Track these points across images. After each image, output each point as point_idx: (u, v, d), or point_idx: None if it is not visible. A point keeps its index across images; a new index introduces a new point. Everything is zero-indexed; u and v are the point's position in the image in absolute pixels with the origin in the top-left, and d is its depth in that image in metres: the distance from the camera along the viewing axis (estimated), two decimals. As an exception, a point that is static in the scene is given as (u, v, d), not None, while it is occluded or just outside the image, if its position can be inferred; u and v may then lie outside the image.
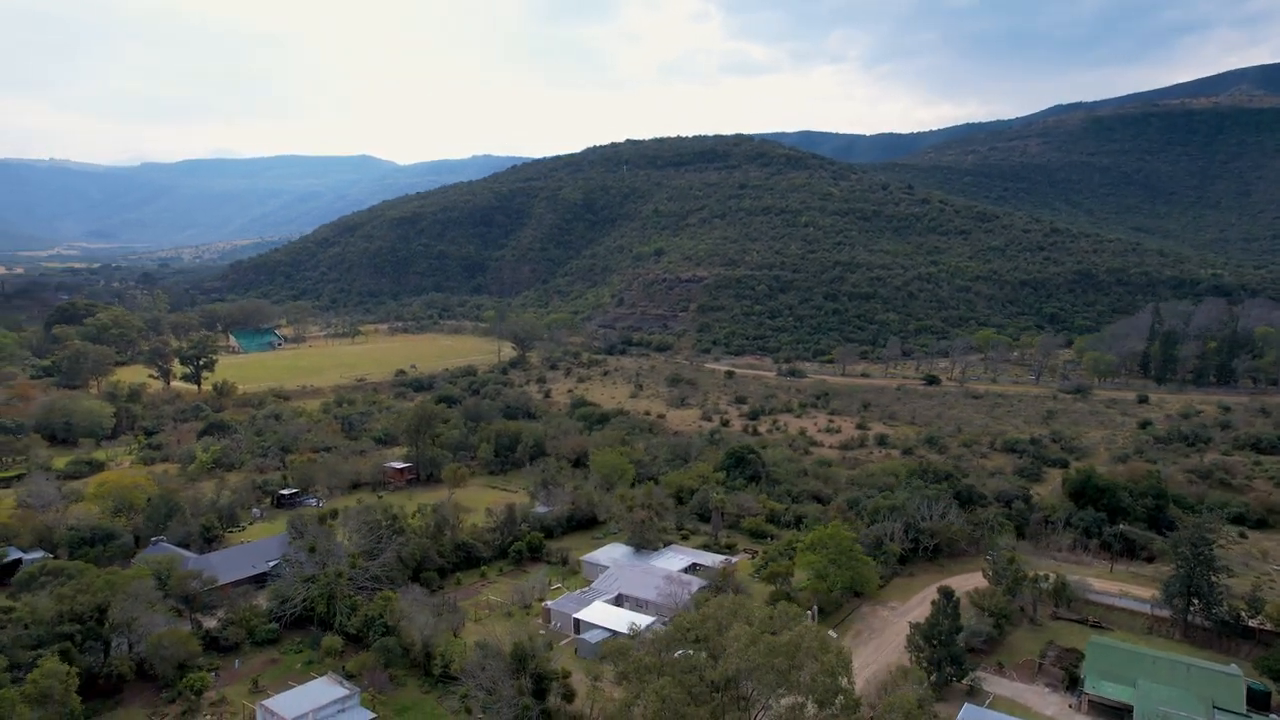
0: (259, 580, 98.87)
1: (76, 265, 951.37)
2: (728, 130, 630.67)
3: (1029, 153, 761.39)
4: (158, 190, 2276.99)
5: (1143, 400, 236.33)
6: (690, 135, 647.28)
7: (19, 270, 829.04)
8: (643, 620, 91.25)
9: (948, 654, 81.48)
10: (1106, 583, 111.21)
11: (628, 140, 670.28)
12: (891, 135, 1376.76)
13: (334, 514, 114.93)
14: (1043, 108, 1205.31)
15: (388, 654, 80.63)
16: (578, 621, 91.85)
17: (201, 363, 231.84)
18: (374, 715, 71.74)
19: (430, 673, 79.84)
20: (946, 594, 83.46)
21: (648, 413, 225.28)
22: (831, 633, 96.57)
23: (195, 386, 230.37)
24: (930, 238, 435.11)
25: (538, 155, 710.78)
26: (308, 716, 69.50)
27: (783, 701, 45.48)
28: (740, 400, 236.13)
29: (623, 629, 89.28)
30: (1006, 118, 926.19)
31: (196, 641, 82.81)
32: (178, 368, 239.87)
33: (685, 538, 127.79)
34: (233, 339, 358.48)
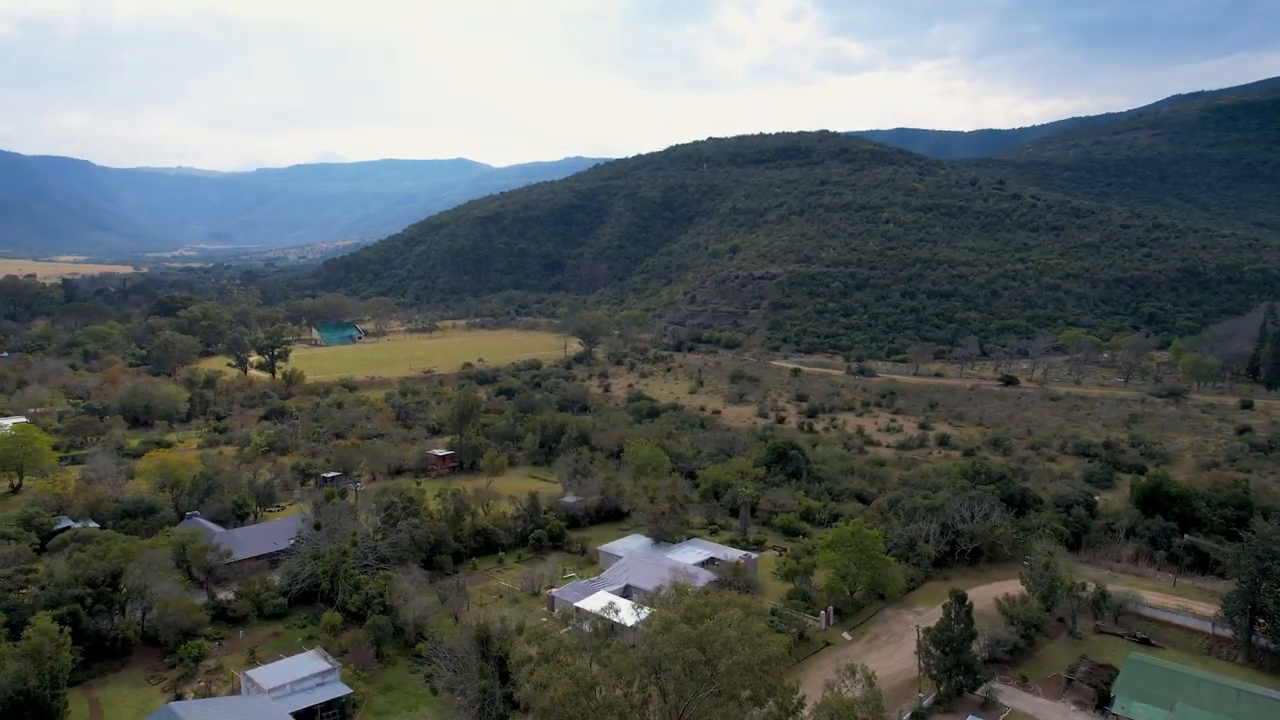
0: (279, 556, 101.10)
1: (193, 265, 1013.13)
2: (819, 128, 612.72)
3: (1137, 145, 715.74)
4: (269, 194, 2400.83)
5: (1246, 406, 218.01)
6: (773, 132, 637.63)
7: (144, 270, 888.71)
8: (642, 612, 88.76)
9: (957, 661, 75.82)
10: (1166, 597, 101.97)
11: (709, 138, 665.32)
12: (991, 132, 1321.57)
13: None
14: (1159, 99, 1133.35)
15: (378, 632, 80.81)
16: (579, 610, 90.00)
17: (276, 353, 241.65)
18: (350, 690, 71.78)
19: (420, 654, 79.61)
20: (959, 597, 77.74)
21: (703, 408, 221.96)
22: (846, 634, 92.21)
23: (270, 375, 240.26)
24: (1019, 234, 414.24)
25: (625, 156, 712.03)
26: (285, 687, 70.04)
27: (703, 698, 42.31)
28: (801, 398, 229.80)
29: (622, 620, 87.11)
30: (1118, 110, 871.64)
31: (201, 611, 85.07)
32: (255, 357, 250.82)
33: (714, 532, 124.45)
34: (315, 332, 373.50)
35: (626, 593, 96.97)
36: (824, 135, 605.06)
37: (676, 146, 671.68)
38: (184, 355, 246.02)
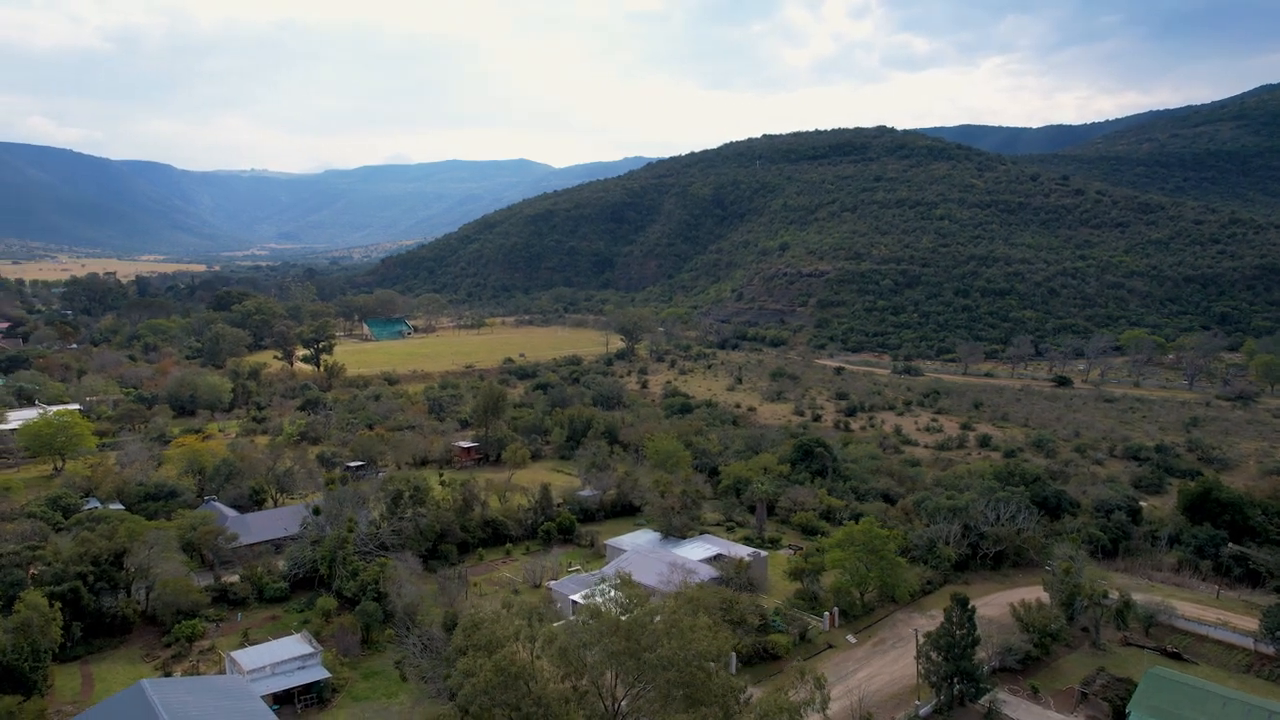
0: (287, 542, 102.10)
1: (262, 263, 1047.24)
2: (878, 125, 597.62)
3: (1219, 138, 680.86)
4: (337, 195, 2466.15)
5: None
6: (829, 128, 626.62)
7: (216, 268, 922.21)
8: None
9: (958, 668, 71.79)
10: (1205, 609, 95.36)
11: (764, 135, 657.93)
12: (1061, 127, 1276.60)
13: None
14: (1246, 89, 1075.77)
15: (367, 618, 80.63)
16: (574, 603, 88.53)
17: (320, 346, 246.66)
18: (330, 675, 71.61)
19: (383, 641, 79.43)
20: (960, 601, 73.65)
21: (738, 405, 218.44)
22: (850, 637, 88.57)
23: (314, 368, 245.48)
24: (1081, 231, 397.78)
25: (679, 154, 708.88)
26: (265, 669, 70.27)
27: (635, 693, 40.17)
28: (841, 396, 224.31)
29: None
30: (1200, 102, 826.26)
31: (201, 592, 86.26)
32: (301, 350, 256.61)
33: (730, 530, 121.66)
34: (366, 327, 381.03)
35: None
36: (881, 131, 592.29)
37: (730, 144, 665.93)
38: (233, 348, 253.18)
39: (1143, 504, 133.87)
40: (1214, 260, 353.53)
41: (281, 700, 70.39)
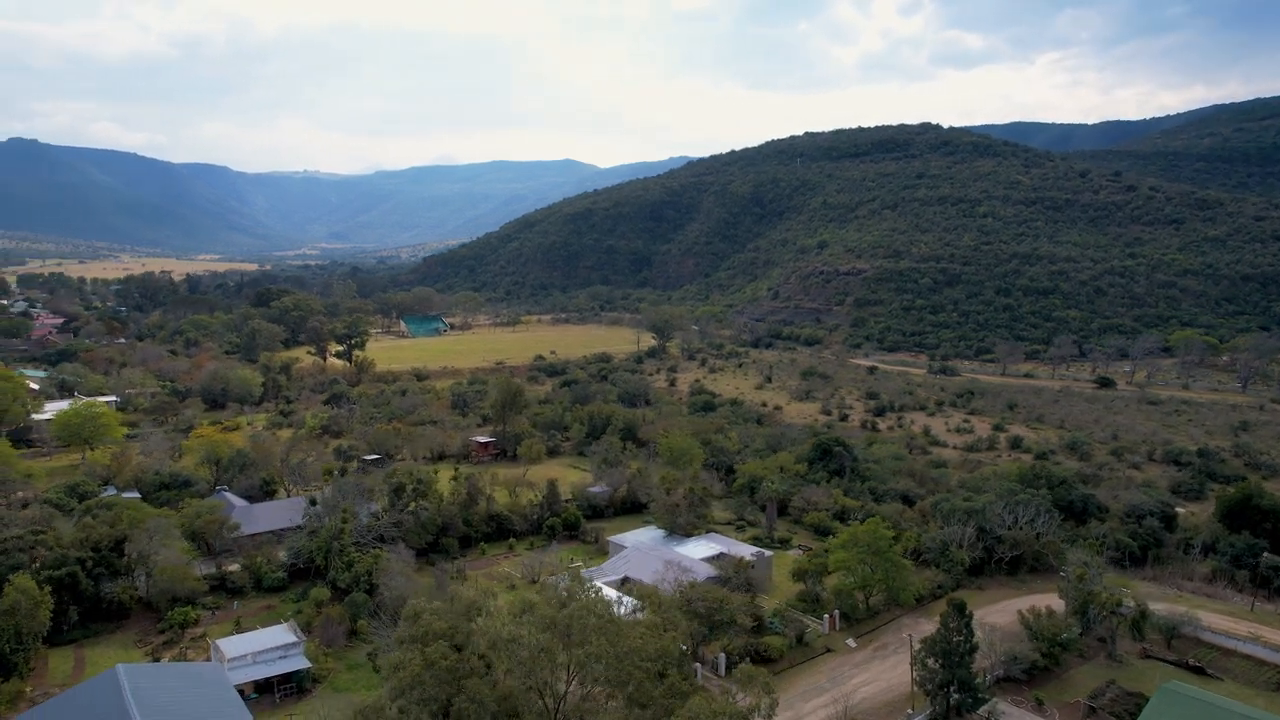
0: (290, 532, 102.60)
1: (311, 263, 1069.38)
2: (925, 122, 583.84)
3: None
4: (385, 195, 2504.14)
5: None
6: (871, 125, 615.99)
7: (267, 267, 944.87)
8: (629, 603, 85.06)
9: (953, 677, 68.56)
10: (1237, 623, 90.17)
11: (805, 133, 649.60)
12: (1118, 123, 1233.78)
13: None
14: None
15: (356, 609, 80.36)
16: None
17: (353, 342, 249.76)
18: (311, 665, 71.31)
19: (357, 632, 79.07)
20: (958, 606, 70.35)
21: (765, 404, 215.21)
22: (850, 641, 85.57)
23: (346, 363, 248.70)
24: (1131, 228, 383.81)
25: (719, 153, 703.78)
26: (246, 658, 70.25)
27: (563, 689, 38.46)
28: (871, 396, 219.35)
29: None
30: (1272, 95, 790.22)
31: (199, 580, 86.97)
32: (334, 346, 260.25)
33: (741, 529, 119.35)
34: (403, 324, 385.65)
35: (624, 583, 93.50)
36: (925, 128, 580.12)
37: (771, 142, 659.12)
38: (269, 343, 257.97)
39: (1180, 510, 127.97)
40: (1275, 258, 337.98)
41: (263, 689, 70.38)
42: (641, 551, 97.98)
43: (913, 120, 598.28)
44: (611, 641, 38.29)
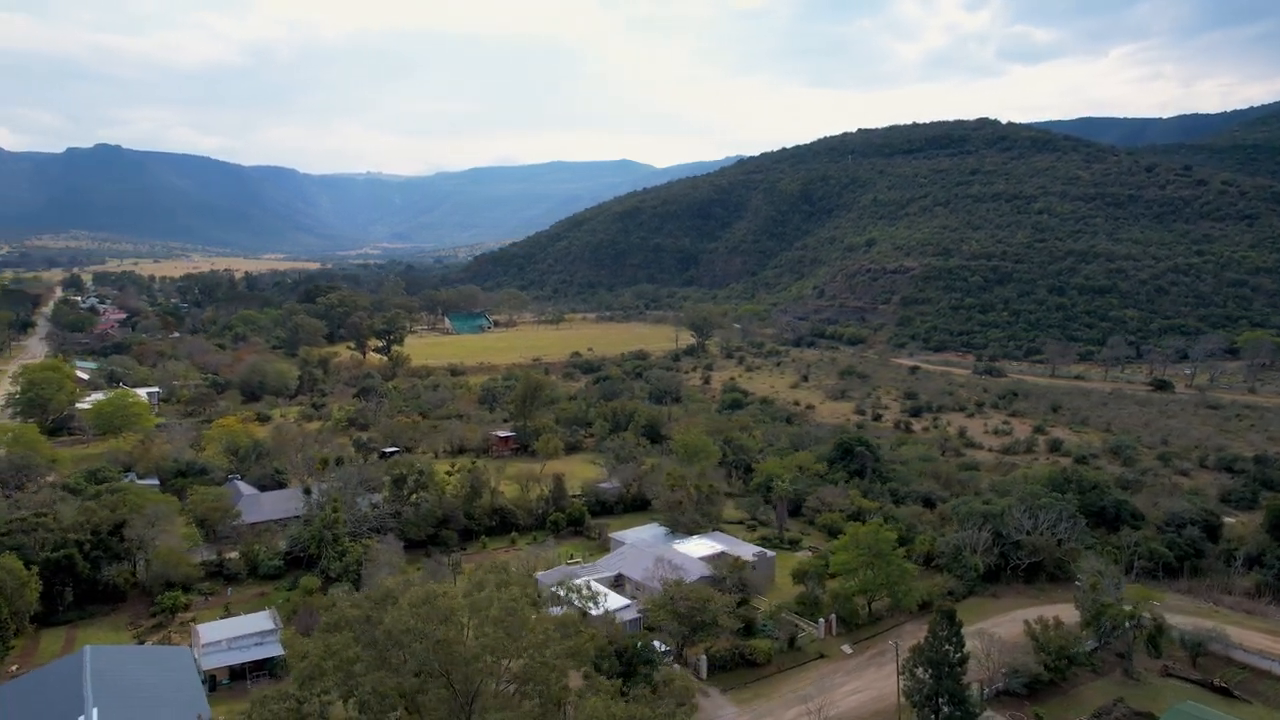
0: (292, 521, 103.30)
1: (370, 262, 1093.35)
2: (982, 117, 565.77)
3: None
4: (446, 196, 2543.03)
5: None
6: (926, 121, 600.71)
7: (328, 266, 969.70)
8: (616, 601, 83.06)
9: (940, 689, 64.63)
10: (1277, 641, 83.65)
11: (859, 129, 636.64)
12: (1196, 116, 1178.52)
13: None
14: None
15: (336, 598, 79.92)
16: (554, 594, 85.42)
17: (391, 337, 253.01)
18: (285, 653, 70.94)
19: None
20: (947, 614, 66.36)
21: (797, 403, 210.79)
22: (846, 647, 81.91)
23: (384, 358, 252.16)
24: (1200, 224, 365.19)
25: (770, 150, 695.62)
26: (221, 643, 70.41)
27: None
28: (909, 396, 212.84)
29: (594, 607, 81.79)
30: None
31: (194, 566, 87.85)
32: (374, 341, 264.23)
33: (753, 528, 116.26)
34: (447, 320, 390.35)
35: (619, 580, 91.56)
36: (982, 123, 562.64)
37: (823, 139, 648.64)
38: (311, 338, 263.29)
39: (1227, 519, 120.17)
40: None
41: (237, 675, 70.39)
42: (637, 549, 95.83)
43: (971, 117, 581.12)
44: (512, 636, 36.36)
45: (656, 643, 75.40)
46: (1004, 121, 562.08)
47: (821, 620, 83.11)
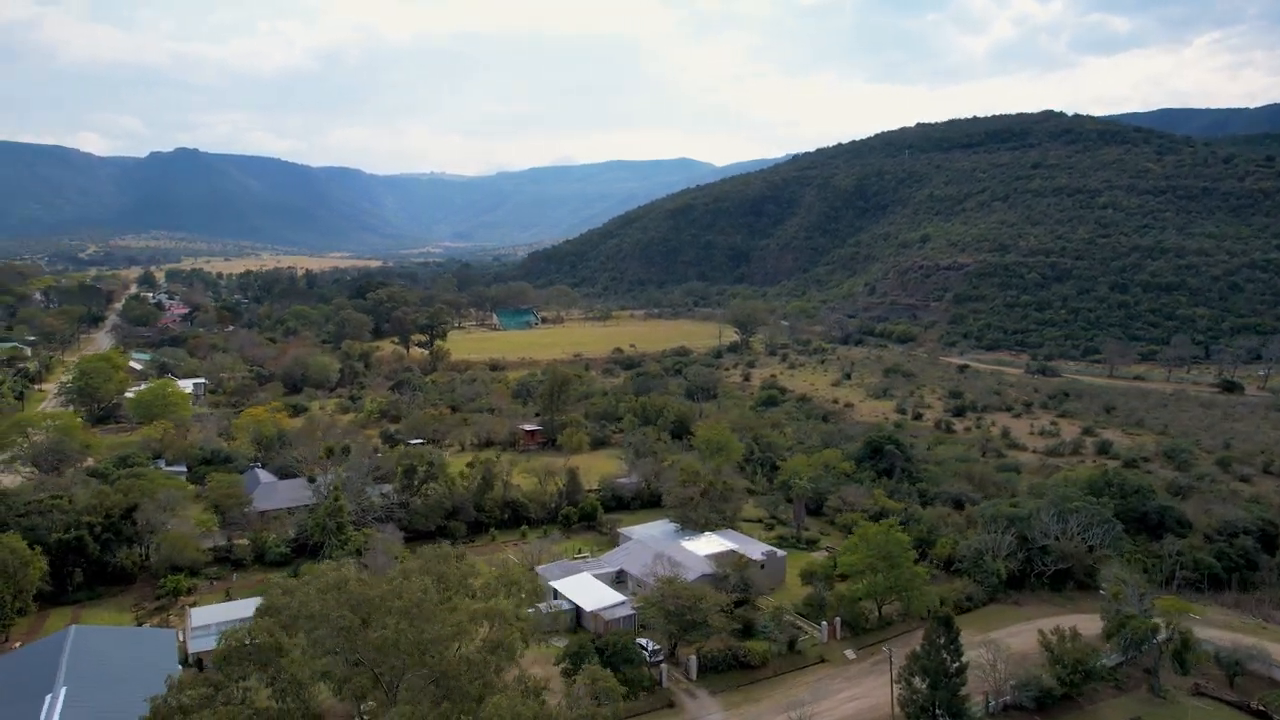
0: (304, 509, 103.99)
1: (432, 260, 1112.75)
2: (1061, 112, 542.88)
3: None
4: (507, 196, 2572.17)
5: None
6: (987, 115, 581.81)
7: (389, 264, 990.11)
8: (611, 597, 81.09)
9: (936, 699, 60.97)
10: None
11: (917, 124, 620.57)
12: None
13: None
14: None
15: (332, 587, 79.82)
16: (554, 589, 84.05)
17: (434, 332, 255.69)
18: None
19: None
20: (944, 620, 62.69)
21: (836, 401, 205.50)
22: (850, 652, 78.35)
23: (426, 352, 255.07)
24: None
25: (825, 146, 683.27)
26: (209, 627, 70.51)
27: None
28: (955, 395, 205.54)
29: (587, 603, 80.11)
30: None
31: (201, 551, 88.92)
32: (417, 336, 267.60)
33: (770, 527, 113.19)
34: (495, 317, 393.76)
35: (620, 576, 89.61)
36: (1047, 115, 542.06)
37: (880, 134, 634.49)
38: (357, 332, 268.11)
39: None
40: None
41: (224, 660, 70.60)
42: (641, 545, 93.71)
43: (1035, 109, 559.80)
44: (415, 628, 34.65)
45: (645, 641, 73.28)
46: (1070, 114, 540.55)
47: (824, 623, 79.66)
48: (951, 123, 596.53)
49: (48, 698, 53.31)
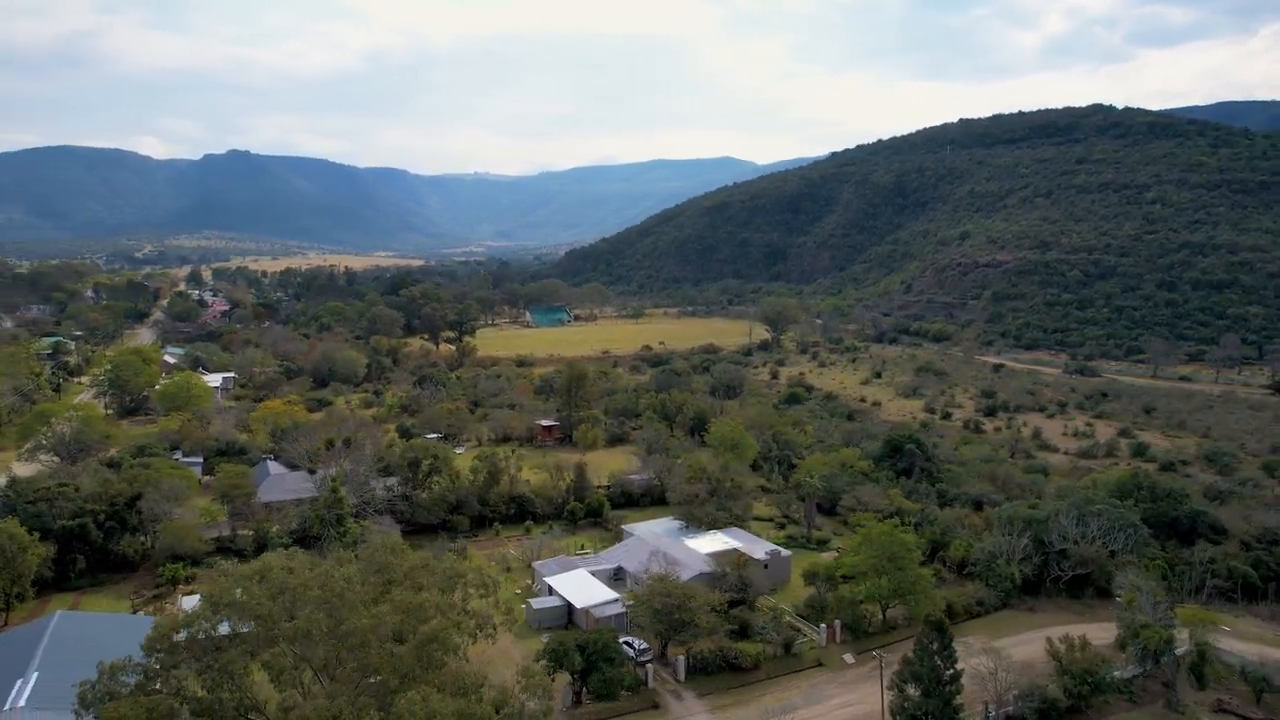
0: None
1: (474, 259, 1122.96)
2: (1096, 103, 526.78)
3: None
4: (550, 195, 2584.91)
5: None
6: (1032, 110, 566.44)
7: (431, 263, 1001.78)
8: (604, 594, 79.36)
9: (926, 708, 58.07)
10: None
11: (960, 119, 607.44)
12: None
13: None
14: None
15: (323, 578, 79.48)
16: (548, 585, 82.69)
17: (462, 328, 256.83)
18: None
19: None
20: (935, 625, 59.74)
21: (863, 399, 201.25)
22: (848, 656, 75.51)
23: (453, 348, 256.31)
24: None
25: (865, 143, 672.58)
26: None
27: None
28: (987, 395, 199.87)
29: (579, 600, 78.55)
30: None
31: (202, 540, 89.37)
32: (447, 332, 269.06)
33: (781, 526, 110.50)
34: (528, 314, 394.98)
35: (619, 573, 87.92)
36: (1094, 109, 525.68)
37: (920, 130, 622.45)
38: (388, 328, 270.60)
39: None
40: None
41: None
42: (641, 541, 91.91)
43: (1085, 103, 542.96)
44: (333, 619, 33.37)
45: (634, 639, 71.47)
46: (1119, 107, 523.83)
47: (824, 626, 76.91)
48: (995, 118, 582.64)
49: (19, 681, 53.39)
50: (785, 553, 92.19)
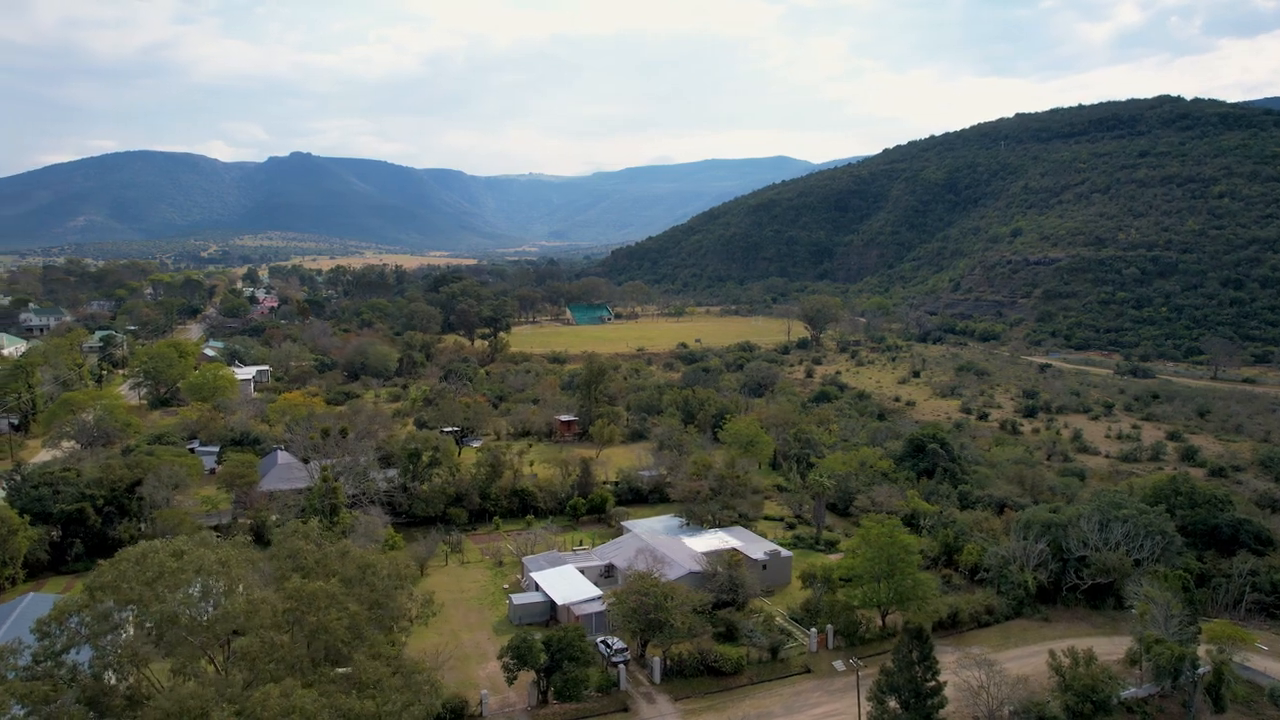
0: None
1: (525, 258, 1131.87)
2: (1162, 95, 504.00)
3: None
4: (603, 195, 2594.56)
5: None
6: (1092, 103, 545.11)
7: (484, 262, 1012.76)
8: (588, 591, 76.86)
9: (905, 720, 54.21)
10: None
11: (1016, 114, 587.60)
12: None
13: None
14: None
15: (306, 568, 78.72)
16: (535, 581, 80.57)
17: (497, 325, 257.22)
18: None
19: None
20: (916, 633, 55.73)
21: (898, 398, 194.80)
22: (839, 663, 71.58)
23: (486, 344, 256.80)
24: None
25: (917, 139, 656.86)
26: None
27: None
28: (1029, 395, 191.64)
29: (559, 596, 76.20)
30: None
31: (196, 526, 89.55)
32: (482, 329, 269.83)
33: (791, 526, 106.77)
34: (569, 312, 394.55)
35: (609, 570, 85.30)
36: (1160, 100, 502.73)
37: (975, 125, 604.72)
38: (425, 324, 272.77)
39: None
40: None
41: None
42: (634, 538, 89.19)
43: (1151, 95, 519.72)
44: (220, 607, 31.69)
45: (611, 639, 68.83)
46: (1188, 98, 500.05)
47: (814, 631, 73.12)
48: (1053, 112, 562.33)
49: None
50: (786, 553, 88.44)
